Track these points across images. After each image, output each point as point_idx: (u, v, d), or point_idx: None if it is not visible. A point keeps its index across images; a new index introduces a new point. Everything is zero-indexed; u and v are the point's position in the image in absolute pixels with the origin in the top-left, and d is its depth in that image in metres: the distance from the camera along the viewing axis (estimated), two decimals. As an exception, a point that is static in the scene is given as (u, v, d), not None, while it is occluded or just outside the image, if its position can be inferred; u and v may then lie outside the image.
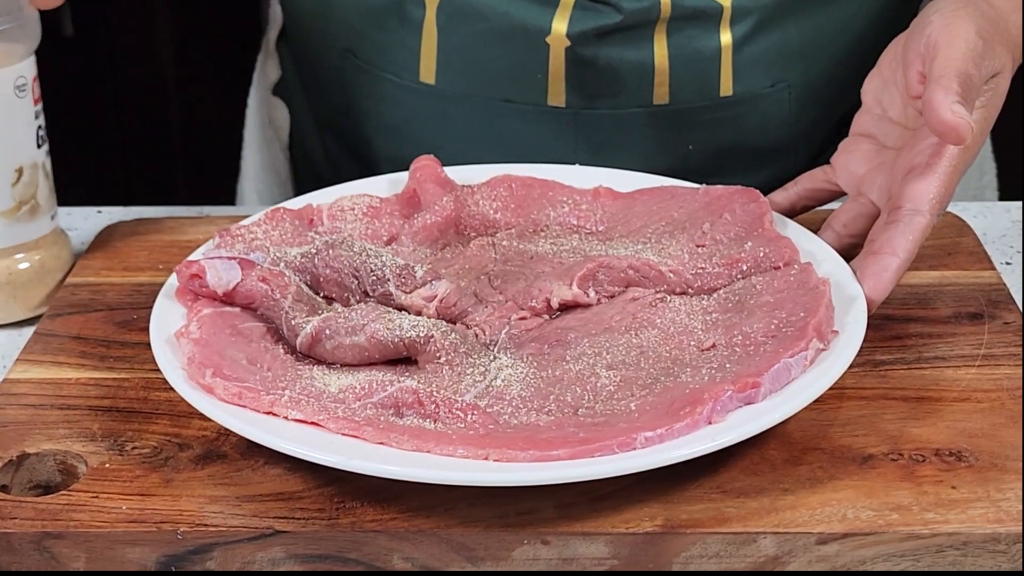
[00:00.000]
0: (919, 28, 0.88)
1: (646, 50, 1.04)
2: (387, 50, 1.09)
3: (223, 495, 0.74)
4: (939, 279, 0.92)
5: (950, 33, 0.86)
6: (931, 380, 0.82)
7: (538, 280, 0.85)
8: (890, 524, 0.71)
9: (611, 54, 1.04)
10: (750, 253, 0.85)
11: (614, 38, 1.03)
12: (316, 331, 0.80)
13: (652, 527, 0.71)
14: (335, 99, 1.15)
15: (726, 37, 1.04)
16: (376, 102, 1.12)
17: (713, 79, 1.06)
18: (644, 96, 1.05)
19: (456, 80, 1.07)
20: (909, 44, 0.89)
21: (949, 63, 0.84)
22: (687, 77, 1.05)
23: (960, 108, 0.82)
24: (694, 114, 1.07)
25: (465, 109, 1.08)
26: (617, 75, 1.04)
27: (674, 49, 1.04)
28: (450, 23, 1.06)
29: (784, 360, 0.75)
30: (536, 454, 0.70)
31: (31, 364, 0.85)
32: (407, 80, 1.09)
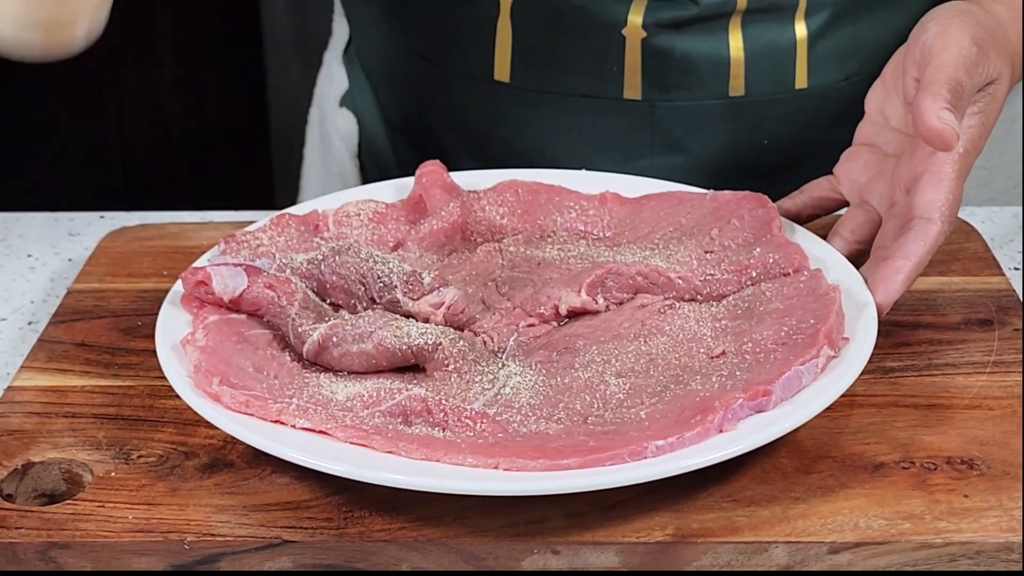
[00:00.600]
0: (916, 35, 0.88)
1: (721, 41, 1.04)
2: (459, 51, 1.09)
3: (230, 504, 0.74)
4: (947, 284, 0.92)
5: (944, 40, 0.86)
6: (942, 387, 0.82)
7: (546, 287, 0.85)
8: (902, 533, 0.71)
9: (686, 45, 1.04)
10: (759, 259, 0.85)
11: (690, 29, 1.03)
12: (323, 338, 0.79)
13: (663, 536, 0.71)
14: (407, 103, 1.16)
15: (801, 30, 1.04)
16: (450, 103, 1.12)
17: (788, 71, 1.06)
18: (720, 88, 1.05)
19: (531, 77, 1.07)
20: (907, 51, 0.89)
21: (940, 70, 0.84)
22: (762, 69, 1.05)
23: (948, 115, 0.81)
24: (769, 106, 1.07)
25: (540, 106, 1.08)
26: (693, 67, 1.04)
27: (749, 41, 1.04)
28: (525, 20, 1.05)
29: (795, 367, 0.75)
30: (546, 463, 0.70)
31: (35, 372, 0.85)
32: (481, 79, 1.08)
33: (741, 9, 1.02)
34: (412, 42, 1.13)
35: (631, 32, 1.03)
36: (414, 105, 1.16)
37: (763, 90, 1.06)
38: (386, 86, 1.19)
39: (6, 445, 0.78)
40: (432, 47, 1.12)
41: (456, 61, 1.10)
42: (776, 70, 1.06)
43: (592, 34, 1.05)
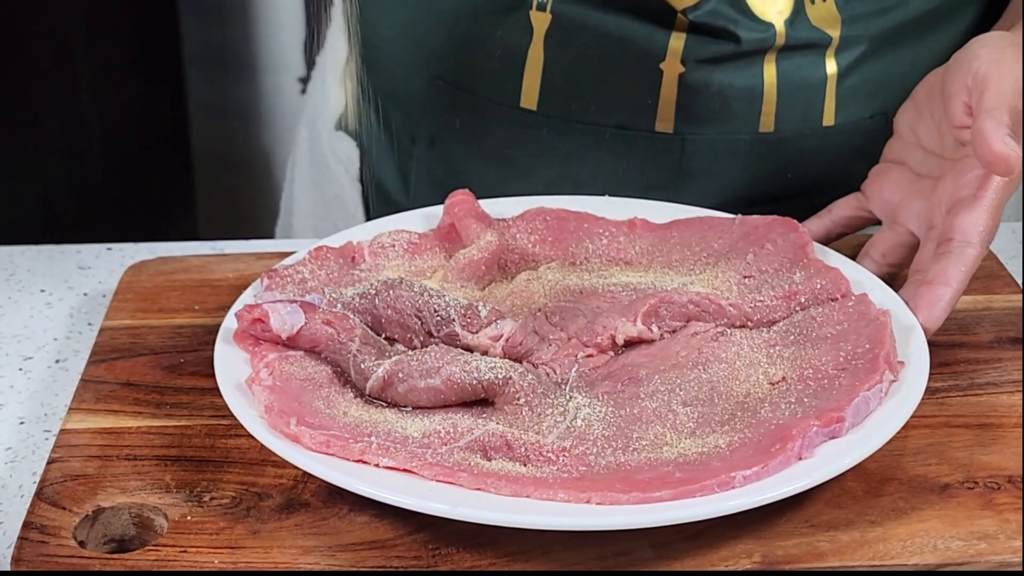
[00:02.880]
0: (964, 61, 0.90)
1: (756, 77, 1.04)
2: (485, 75, 1.08)
3: (315, 545, 0.74)
4: (974, 303, 0.94)
5: (1000, 69, 0.87)
6: (988, 407, 0.84)
7: (600, 317, 0.85)
8: (980, 553, 0.73)
9: (722, 80, 1.03)
10: (806, 285, 0.87)
11: (727, 65, 1.03)
12: (388, 374, 0.80)
13: (751, 565, 0.72)
14: (419, 127, 1.14)
15: (832, 67, 1.05)
16: (469, 128, 1.10)
17: (817, 108, 1.06)
18: (751, 123, 1.05)
19: (559, 105, 1.06)
20: (953, 76, 0.90)
21: (1001, 96, 0.86)
22: (793, 105, 1.05)
23: (1011, 140, 0.84)
24: (796, 142, 1.07)
25: (566, 134, 1.07)
26: (726, 102, 1.04)
27: (782, 77, 1.04)
28: (559, 48, 1.04)
29: (863, 393, 0.77)
30: (638, 496, 0.71)
31: (86, 413, 0.84)
32: (506, 105, 1.07)
33: (779, 46, 1.03)
34: (432, 64, 1.11)
35: (669, 66, 1.03)
36: (429, 129, 1.14)
37: (792, 127, 1.07)
38: (398, 108, 1.17)
39: (73, 491, 0.77)
40: (455, 70, 1.10)
41: (480, 86, 1.09)
42: (805, 107, 1.06)
43: (629, 66, 1.04)
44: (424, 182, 1.15)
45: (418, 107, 1.13)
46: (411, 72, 1.13)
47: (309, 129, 1.29)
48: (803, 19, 1.03)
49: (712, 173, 1.07)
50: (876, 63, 1.07)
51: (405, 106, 1.15)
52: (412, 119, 1.15)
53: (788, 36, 1.02)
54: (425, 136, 1.14)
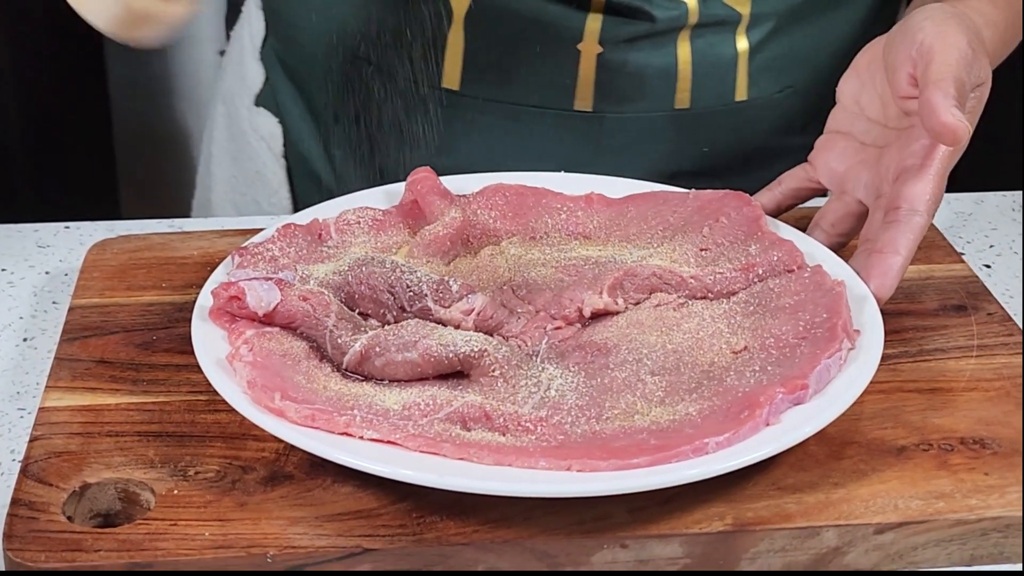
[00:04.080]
0: (908, 33, 0.92)
1: (671, 56, 1.08)
2: (407, 57, 1.10)
3: (302, 516, 0.76)
4: (918, 273, 0.98)
5: (944, 41, 0.90)
6: (938, 372, 0.88)
7: (566, 290, 0.88)
8: (939, 512, 0.77)
9: (639, 59, 1.07)
10: (763, 257, 0.90)
11: (642, 44, 1.07)
12: (366, 349, 0.82)
13: (723, 527, 0.75)
14: (342, 106, 1.16)
15: (743, 43, 1.09)
16: (392, 109, 1.12)
17: (730, 84, 1.10)
18: (667, 101, 1.09)
19: (481, 86, 1.09)
20: (896, 47, 0.93)
21: (946, 68, 0.88)
22: (706, 82, 1.09)
23: (957, 111, 0.87)
24: (711, 118, 1.11)
25: (487, 114, 1.10)
26: (643, 80, 1.08)
27: (696, 55, 1.08)
28: (479, 29, 1.07)
29: (824, 361, 0.80)
30: (617, 463, 0.74)
31: (63, 391, 0.85)
32: (428, 86, 1.10)
33: (692, 24, 1.07)
34: (354, 45, 1.14)
35: (587, 47, 1.07)
36: (351, 109, 1.16)
37: (706, 103, 1.11)
38: (320, 87, 1.19)
39: (58, 468, 0.79)
40: (376, 52, 1.13)
41: (402, 67, 1.11)
42: (719, 83, 1.11)
43: (547, 47, 1.07)
44: (349, 159, 1.18)
45: (340, 86, 1.15)
46: (332, 52, 1.15)
47: (226, 104, 1.30)
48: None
49: (630, 149, 1.11)
50: (785, 39, 1.11)
51: (327, 85, 1.17)
52: (335, 98, 1.17)
53: (701, 14, 1.06)
54: (349, 115, 1.16)
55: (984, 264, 1.06)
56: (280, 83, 1.24)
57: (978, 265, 1.06)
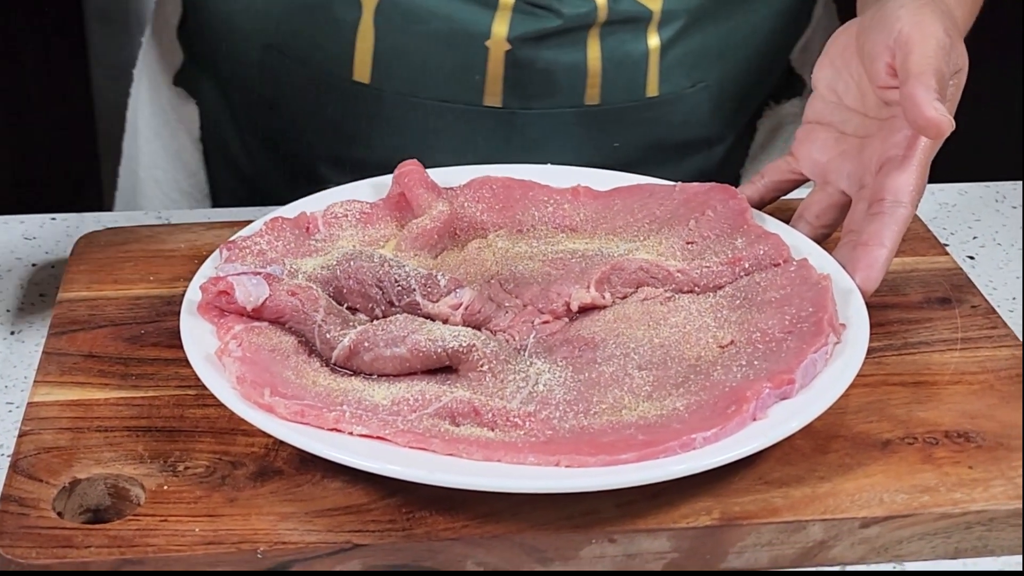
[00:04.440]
0: (884, 22, 0.92)
1: (580, 53, 1.08)
2: (318, 48, 1.10)
3: (292, 511, 0.76)
4: (902, 265, 0.99)
5: (922, 31, 0.90)
6: (922, 365, 0.89)
7: (554, 284, 0.88)
8: (924, 505, 0.77)
9: (548, 57, 1.08)
10: (749, 251, 0.90)
11: (551, 41, 1.07)
12: (354, 344, 0.82)
13: (711, 521, 0.76)
14: (256, 94, 1.16)
15: (654, 41, 1.10)
16: (305, 99, 1.13)
17: (640, 81, 1.11)
18: (577, 97, 1.10)
19: (392, 80, 1.10)
20: (873, 37, 0.93)
21: (926, 60, 0.88)
22: (617, 79, 1.10)
23: (940, 105, 0.87)
24: (622, 113, 1.12)
25: (400, 108, 1.11)
26: (552, 77, 1.09)
27: (606, 52, 1.09)
28: (388, 24, 1.08)
29: (810, 356, 0.81)
30: (605, 458, 0.74)
31: (52, 386, 0.85)
32: (339, 78, 1.10)
33: (601, 21, 1.08)
34: (267, 34, 1.14)
35: (495, 44, 1.08)
36: (265, 97, 1.16)
37: (617, 98, 1.12)
38: (235, 73, 1.19)
39: (48, 463, 0.79)
40: (289, 42, 1.13)
41: (314, 59, 1.12)
42: (630, 79, 1.12)
43: (456, 43, 1.08)
44: (267, 146, 1.18)
45: (255, 74, 1.15)
46: (246, 40, 1.15)
47: (149, 79, 1.29)
48: None
49: (540, 144, 1.12)
50: (696, 35, 1.12)
51: (242, 72, 1.17)
52: (250, 84, 1.17)
53: (610, 11, 1.07)
54: (264, 102, 1.16)
55: (968, 256, 1.07)
56: (198, 65, 1.24)
57: (962, 257, 1.06)
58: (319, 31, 1.10)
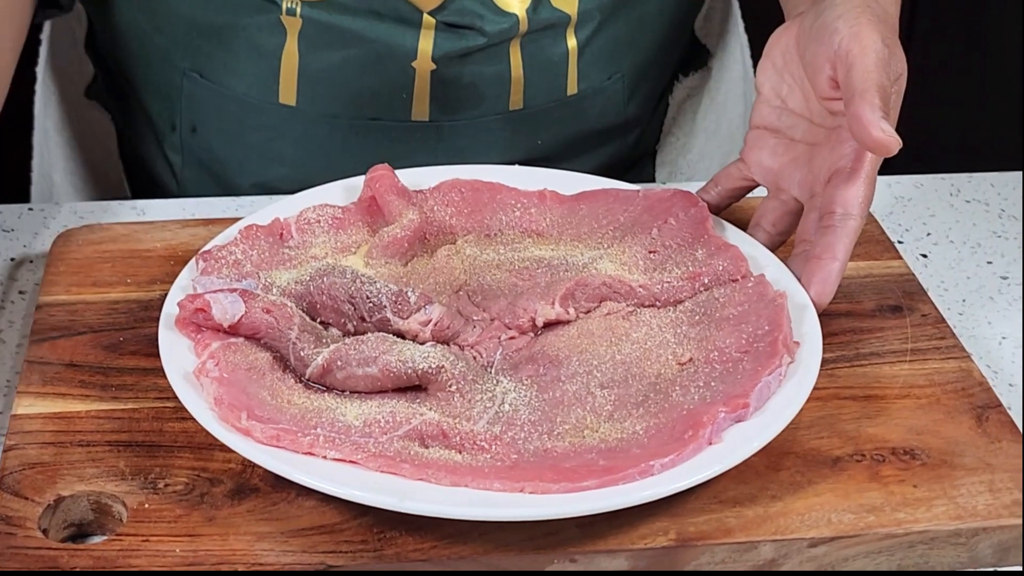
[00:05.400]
0: (823, 33, 0.93)
1: (504, 63, 1.12)
2: (240, 73, 1.12)
3: (268, 531, 0.80)
4: (857, 270, 1.02)
5: (861, 44, 0.91)
6: (873, 378, 0.92)
7: (520, 299, 0.92)
8: (869, 526, 0.81)
9: (473, 71, 1.11)
10: (709, 266, 0.93)
11: (476, 56, 1.10)
12: (327, 362, 0.85)
13: (667, 542, 0.80)
14: (177, 116, 1.17)
15: (572, 42, 1.13)
16: (229, 122, 1.14)
17: (561, 81, 1.15)
18: (501, 104, 1.14)
19: (319, 102, 1.12)
20: (813, 47, 0.94)
21: (868, 76, 0.90)
22: (539, 83, 1.14)
23: (887, 125, 0.89)
24: (544, 113, 1.16)
25: (327, 128, 1.13)
26: (478, 89, 1.12)
27: (527, 59, 1.12)
28: (313, 48, 1.09)
29: (764, 378, 0.84)
30: (567, 485, 0.78)
31: (35, 397, 0.88)
32: (264, 101, 1.12)
33: (523, 32, 1.10)
34: (187, 59, 1.14)
35: (421, 63, 1.10)
36: (187, 119, 1.17)
37: (539, 101, 1.16)
38: (154, 95, 1.19)
39: (33, 480, 0.82)
40: (210, 66, 1.14)
41: (238, 82, 1.13)
42: (551, 81, 1.15)
43: (382, 66, 1.10)
44: (192, 166, 1.19)
45: (173, 96, 1.16)
46: (165, 63, 1.16)
47: (56, 83, 1.28)
48: (545, 3, 1.10)
49: (467, 150, 1.16)
50: (610, 29, 1.15)
51: (162, 94, 1.17)
52: (170, 107, 1.18)
53: (531, 22, 1.10)
54: (186, 125, 1.17)
55: (921, 254, 1.10)
56: (111, 81, 1.23)
57: (915, 255, 1.10)
58: (241, 57, 1.11)
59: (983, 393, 0.91)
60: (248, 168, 1.17)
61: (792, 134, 1.00)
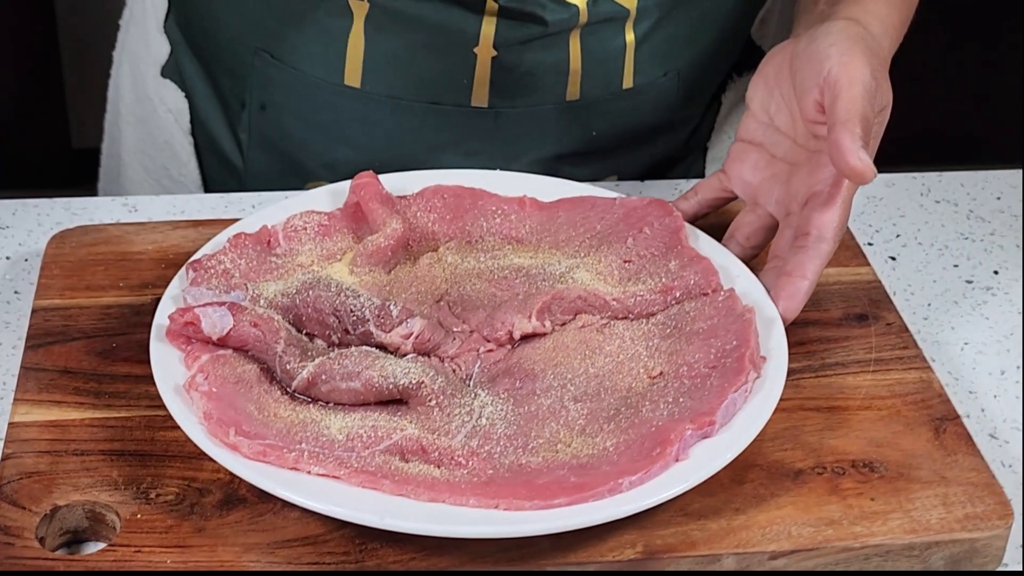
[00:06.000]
0: (815, 59, 0.97)
1: (563, 53, 1.14)
2: (309, 54, 1.15)
3: (255, 542, 0.83)
4: (825, 277, 1.05)
5: (850, 74, 0.95)
6: (836, 388, 0.96)
7: (498, 312, 0.95)
8: (827, 539, 0.86)
9: (532, 59, 1.13)
10: (681, 281, 0.97)
11: (535, 45, 1.13)
12: (312, 376, 0.89)
13: (635, 554, 0.84)
14: (247, 94, 1.20)
15: (630, 36, 1.15)
16: (297, 101, 1.17)
17: (617, 74, 1.17)
18: (558, 94, 1.16)
19: (382, 84, 1.15)
20: (804, 73, 0.98)
21: (852, 106, 0.94)
22: (596, 74, 1.16)
23: (865, 155, 0.93)
24: (599, 105, 1.18)
25: (390, 110, 1.16)
26: (536, 77, 1.15)
27: (586, 51, 1.14)
28: (379, 32, 1.12)
29: (731, 395, 0.88)
30: (540, 503, 0.82)
31: (31, 405, 0.92)
32: (330, 82, 1.15)
33: (582, 24, 1.13)
34: (258, 38, 1.18)
35: (482, 50, 1.13)
36: (258, 97, 1.21)
37: (595, 93, 1.18)
38: (225, 73, 1.23)
39: (30, 490, 0.86)
40: (280, 48, 1.17)
41: (305, 63, 1.16)
42: (607, 74, 1.18)
43: (445, 51, 1.13)
44: (258, 145, 1.23)
45: (246, 75, 1.20)
46: (237, 42, 1.19)
47: (131, 66, 1.32)
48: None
49: (525, 138, 1.19)
50: (667, 27, 1.18)
51: (233, 72, 1.21)
52: (241, 85, 1.21)
53: (590, 13, 1.12)
54: (255, 102, 1.21)
55: (890, 256, 1.14)
56: (186, 59, 1.26)
57: (884, 258, 1.13)
58: (310, 38, 1.15)
59: (942, 405, 0.95)
60: (313, 148, 1.20)
61: (775, 151, 1.03)
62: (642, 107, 1.20)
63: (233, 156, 1.24)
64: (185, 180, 1.29)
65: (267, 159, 1.22)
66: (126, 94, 1.33)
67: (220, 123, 1.25)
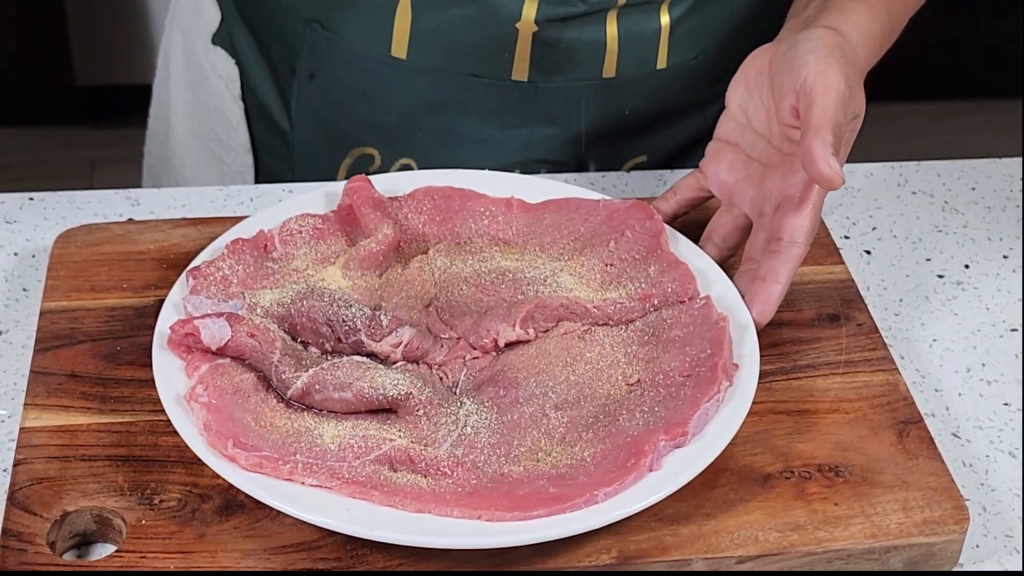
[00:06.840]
0: (793, 64, 1.01)
1: (600, 32, 1.20)
2: (357, 26, 1.21)
3: (252, 548, 0.89)
4: (800, 275, 1.09)
5: (825, 82, 0.99)
6: (806, 391, 1.01)
7: (484, 318, 1.00)
8: (792, 544, 0.91)
9: (571, 36, 1.20)
10: (660, 288, 1.01)
11: (575, 23, 1.19)
12: (306, 386, 0.94)
13: (610, 560, 0.89)
14: (299, 63, 1.26)
15: (665, 19, 1.22)
16: (345, 71, 1.24)
17: (652, 55, 1.23)
18: (595, 71, 1.22)
19: (427, 57, 1.21)
20: (782, 77, 1.02)
21: (826, 113, 0.97)
22: (631, 54, 1.23)
23: (835, 162, 0.96)
24: (634, 84, 1.25)
25: (434, 82, 1.22)
26: (574, 54, 1.21)
27: (623, 31, 1.21)
28: (425, 6, 1.19)
29: (703, 406, 0.93)
30: (520, 515, 0.87)
31: (41, 410, 0.96)
32: (377, 54, 1.21)
33: (620, 4, 1.17)
34: (308, 8, 1.23)
35: (524, 26, 1.18)
36: (307, 67, 1.26)
37: (630, 72, 1.23)
38: (274, 41, 1.28)
39: (40, 495, 0.91)
40: (330, 18, 1.23)
41: (353, 34, 1.22)
42: (642, 54, 1.22)
43: (488, 24, 1.19)
44: (306, 111, 1.29)
45: (296, 45, 1.26)
46: (288, 13, 1.25)
47: (182, 33, 1.37)
48: None
49: (562, 113, 1.25)
50: (701, 11, 1.23)
51: (283, 42, 1.27)
52: (291, 53, 1.27)
53: None
54: (304, 71, 1.26)
55: (865, 250, 1.18)
56: (236, 27, 1.32)
57: (860, 251, 1.18)
58: (360, 11, 1.21)
59: (906, 408, 1.00)
60: (358, 115, 1.27)
61: (750, 152, 1.07)
62: (673, 87, 1.26)
63: (282, 121, 1.30)
64: (233, 144, 1.35)
65: (314, 125, 1.28)
66: (177, 60, 1.39)
67: (270, 90, 1.31)
